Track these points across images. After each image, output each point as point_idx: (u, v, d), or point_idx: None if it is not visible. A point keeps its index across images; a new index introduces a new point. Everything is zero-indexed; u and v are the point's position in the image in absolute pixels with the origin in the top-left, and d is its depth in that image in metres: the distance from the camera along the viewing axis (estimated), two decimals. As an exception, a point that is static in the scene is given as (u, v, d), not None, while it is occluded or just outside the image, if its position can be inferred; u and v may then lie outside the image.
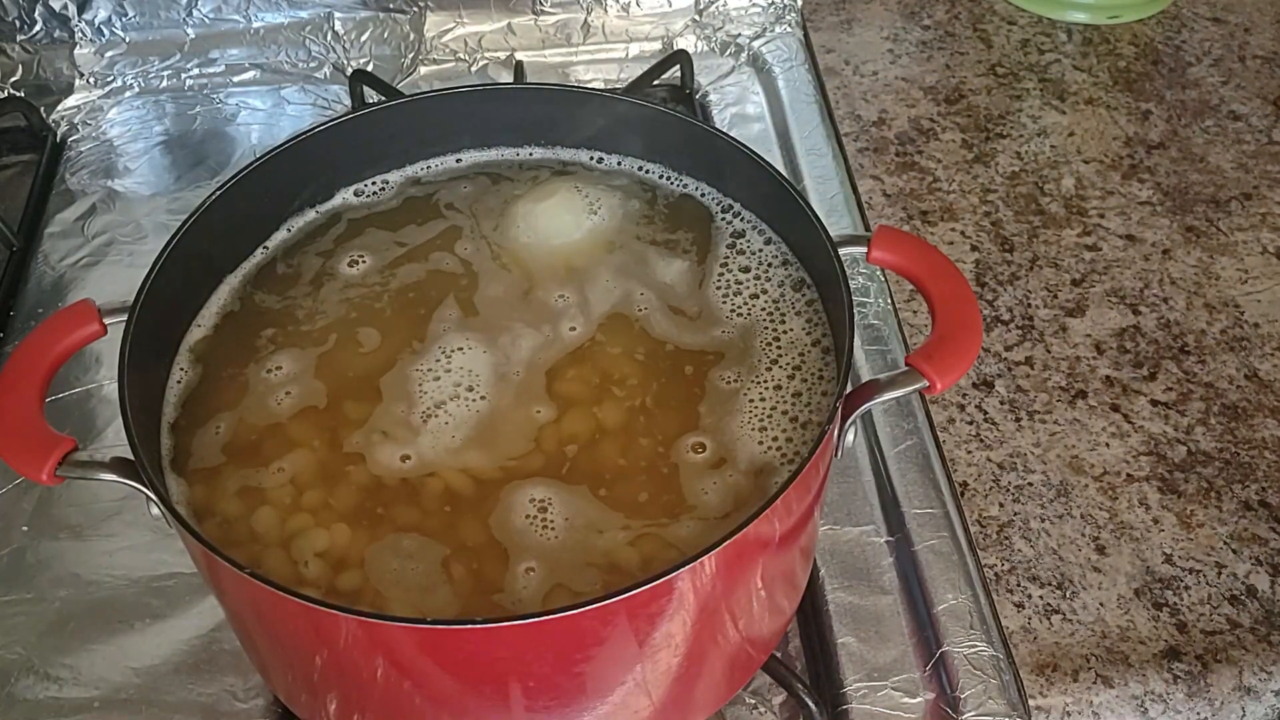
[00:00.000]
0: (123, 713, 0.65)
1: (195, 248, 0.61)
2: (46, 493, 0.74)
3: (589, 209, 0.68)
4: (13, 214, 0.93)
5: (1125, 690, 0.66)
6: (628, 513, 0.55)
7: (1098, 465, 0.76)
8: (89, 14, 1.03)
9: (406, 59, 1.05)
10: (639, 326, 0.63)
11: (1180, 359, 0.82)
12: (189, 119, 1.02)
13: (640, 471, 0.57)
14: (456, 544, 0.55)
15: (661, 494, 0.56)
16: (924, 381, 0.55)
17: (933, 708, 0.64)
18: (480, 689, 0.52)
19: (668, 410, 0.59)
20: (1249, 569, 0.71)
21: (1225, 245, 0.90)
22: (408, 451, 0.57)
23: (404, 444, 0.58)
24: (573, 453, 0.58)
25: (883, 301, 0.83)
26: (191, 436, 0.59)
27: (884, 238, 0.59)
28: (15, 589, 0.70)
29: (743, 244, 0.66)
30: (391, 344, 0.62)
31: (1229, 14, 1.12)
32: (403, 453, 0.57)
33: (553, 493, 0.56)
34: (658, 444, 0.58)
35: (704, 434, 0.58)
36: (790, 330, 0.62)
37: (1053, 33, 1.10)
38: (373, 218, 0.69)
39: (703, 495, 0.56)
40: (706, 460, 0.57)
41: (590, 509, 0.56)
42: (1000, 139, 0.99)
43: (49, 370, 0.55)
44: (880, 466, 0.74)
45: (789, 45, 1.06)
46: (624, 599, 0.47)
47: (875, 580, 0.69)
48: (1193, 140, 0.99)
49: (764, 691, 0.66)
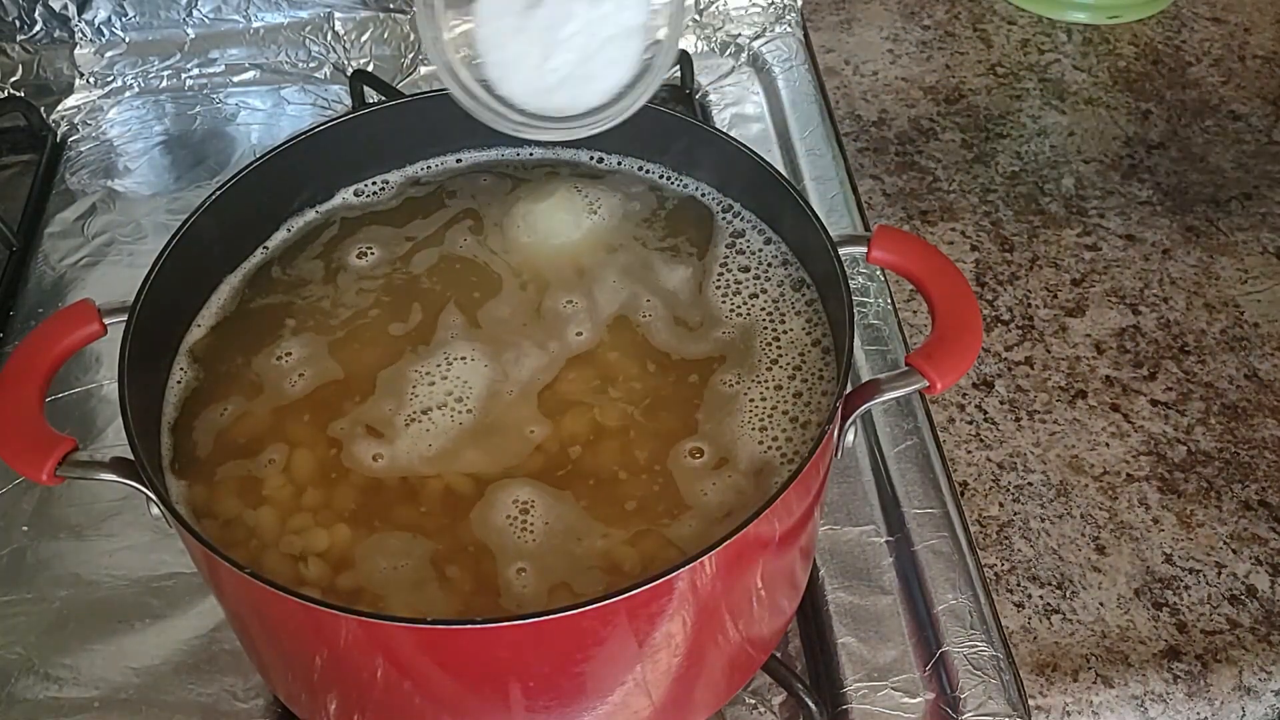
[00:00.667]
0: (123, 713, 0.65)
1: (195, 248, 0.61)
2: (46, 493, 0.74)
3: (589, 209, 0.68)
4: (13, 214, 0.93)
5: (1125, 690, 0.66)
6: (624, 514, 0.56)
7: (1098, 465, 0.76)
8: (89, 14, 1.03)
9: (406, 59, 1.05)
10: (638, 326, 0.63)
11: (1180, 359, 0.82)
12: (189, 119, 1.02)
13: (639, 473, 0.57)
14: (450, 543, 0.55)
15: (661, 494, 0.56)
16: (924, 381, 0.55)
17: (933, 708, 0.64)
18: (480, 689, 0.52)
19: (667, 411, 0.59)
20: (1249, 569, 0.71)
21: (1225, 245, 0.90)
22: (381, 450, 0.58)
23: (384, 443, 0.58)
24: (575, 454, 0.58)
25: (883, 301, 0.83)
26: (191, 436, 0.59)
27: (884, 238, 0.59)
28: (15, 589, 0.70)
29: (742, 244, 0.66)
30: (391, 345, 0.62)
31: (1229, 14, 1.12)
32: (375, 451, 0.58)
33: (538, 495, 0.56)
34: (657, 444, 0.58)
35: (703, 435, 0.58)
36: (790, 330, 0.62)
37: (1053, 33, 1.10)
38: (373, 218, 0.69)
39: (702, 496, 0.56)
40: (706, 461, 0.57)
41: (589, 510, 0.56)
42: (1000, 139, 0.99)
43: (49, 370, 0.55)
44: (880, 466, 0.74)
45: (789, 45, 1.06)
46: (624, 599, 0.47)
47: (875, 580, 0.69)
48: (1193, 140, 0.99)
49: (764, 691, 0.65)
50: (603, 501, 0.56)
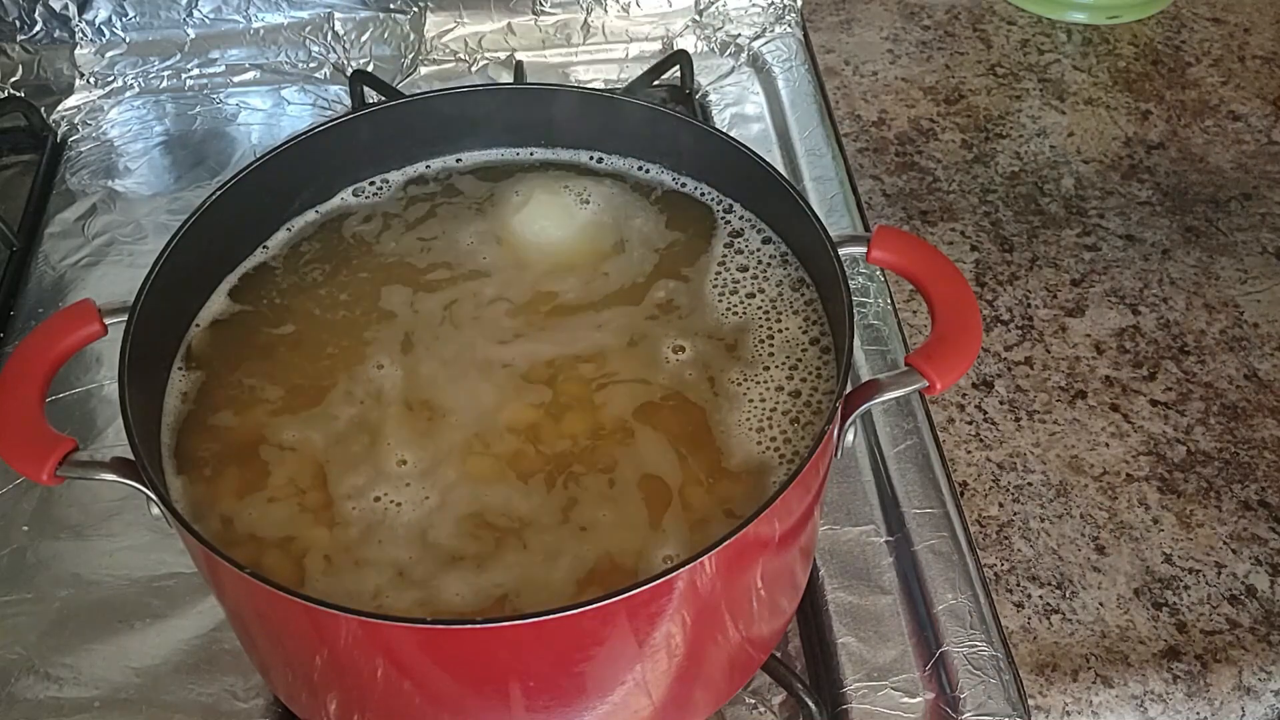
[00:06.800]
0: (123, 713, 0.65)
1: (195, 248, 0.61)
2: (47, 493, 0.74)
3: (588, 209, 0.68)
4: (13, 214, 0.93)
5: (1125, 690, 0.66)
6: (623, 513, 0.56)
7: (1097, 465, 0.76)
8: (89, 14, 1.03)
9: (406, 59, 1.06)
10: (637, 325, 0.63)
11: (1180, 359, 0.82)
12: (189, 119, 1.02)
13: (639, 472, 0.57)
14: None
15: (660, 493, 0.56)
16: (924, 381, 0.55)
17: (932, 707, 0.64)
18: (480, 689, 0.52)
19: (667, 410, 0.59)
20: (1249, 569, 0.71)
21: (1225, 245, 0.90)
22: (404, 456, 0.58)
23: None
24: (575, 454, 0.58)
25: (883, 301, 0.83)
26: (191, 436, 0.59)
27: (883, 238, 0.59)
28: (15, 589, 0.70)
29: (741, 243, 0.66)
30: (391, 346, 0.62)
31: (1229, 14, 1.12)
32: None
33: (539, 494, 0.56)
34: (657, 444, 0.58)
35: (703, 434, 0.58)
36: (787, 329, 0.62)
37: (1052, 33, 1.10)
38: (373, 218, 0.69)
39: (702, 494, 0.56)
40: (705, 461, 0.57)
41: (587, 510, 0.56)
42: (1000, 139, 0.99)
43: (49, 370, 0.55)
44: (880, 466, 0.74)
45: (789, 45, 1.06)
46: (624, 599, 0.47)
47: (875, 580, 0.69)
48: (1192, 140, 0.99)
49: (764, 691, 0.66)
50: (603, 501, 0.56)
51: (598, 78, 1.05)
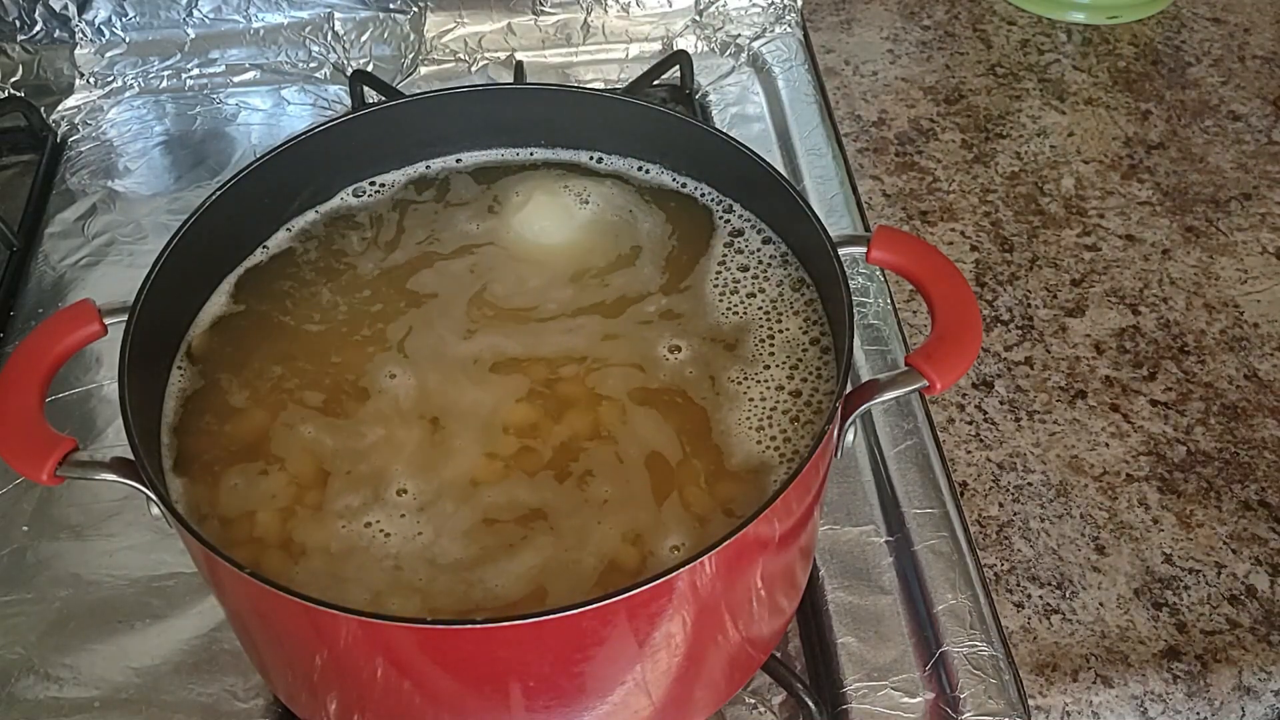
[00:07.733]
0: (123, 713, 0.65)
1: (195, 248, 0.61)
2: (47, 493, 0.74)
3: (588, 209, 0.68)
4: (13, 214, 0.93)
5: (1125, 690, 0.66)
6: (622, 513, 0.56)
7: (1097, 465, 0.76)
8: (89, 14, 1.03)
9: (406, 59, 1.06)
10: (636, 325, 0.63)
11: (1180, 359, 0.82)
12: (189, 119, 1.02)
13: (638, 471, 0.57)
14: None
15: (659, 493, 0.56)
16: (924, 381, 0.55)
17: (932, 707, 0.64)
18: (480, 689, 0.52)
19: (667, 410, 0.59)
20: (1249, 569, 0.71)
21: (1225, 245, 0.90)
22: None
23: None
24: (575, 453, 0.58)
25: (883, 301, 0.83)
26: (191, 437, 0.59)
27: (883, 238, 0.59)
28: (15, 589, 0.70)
29: (741, 243, 0.67)
30: (393, 346, 0.62)
31: (1229, 14, 1.12)
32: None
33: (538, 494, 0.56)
34: (657, 444, 0.58)
35: (703, 434, 0.58)
36: (788, 329, 0.62)
37: (1052, 33, 1.10)
38: (373, 218, 0.69)
39: (701, 494, 0.56)
40: (705, 462, 0.57)
41: (586, 508, 0.56)
42: (1000, 139, 0.99)
43: (49, 370, 0.55)
44: (880, 466, 0.74)
45: (789, 45, 1.06)
46: (624, 599, 0.47)
47: (875, 580, 0.69)
48: (1192, 140, 0.99)
49: (764, 691, 0.66)
50: (602, 501, 0.56)
51: (598, 78, 1.05)
